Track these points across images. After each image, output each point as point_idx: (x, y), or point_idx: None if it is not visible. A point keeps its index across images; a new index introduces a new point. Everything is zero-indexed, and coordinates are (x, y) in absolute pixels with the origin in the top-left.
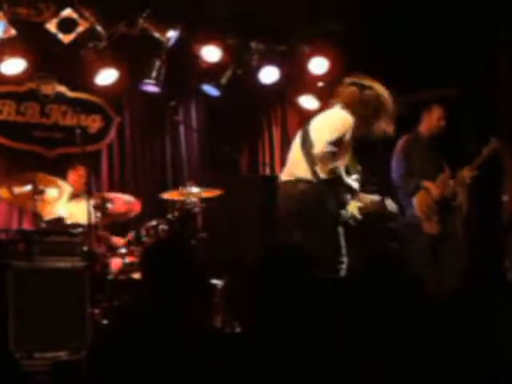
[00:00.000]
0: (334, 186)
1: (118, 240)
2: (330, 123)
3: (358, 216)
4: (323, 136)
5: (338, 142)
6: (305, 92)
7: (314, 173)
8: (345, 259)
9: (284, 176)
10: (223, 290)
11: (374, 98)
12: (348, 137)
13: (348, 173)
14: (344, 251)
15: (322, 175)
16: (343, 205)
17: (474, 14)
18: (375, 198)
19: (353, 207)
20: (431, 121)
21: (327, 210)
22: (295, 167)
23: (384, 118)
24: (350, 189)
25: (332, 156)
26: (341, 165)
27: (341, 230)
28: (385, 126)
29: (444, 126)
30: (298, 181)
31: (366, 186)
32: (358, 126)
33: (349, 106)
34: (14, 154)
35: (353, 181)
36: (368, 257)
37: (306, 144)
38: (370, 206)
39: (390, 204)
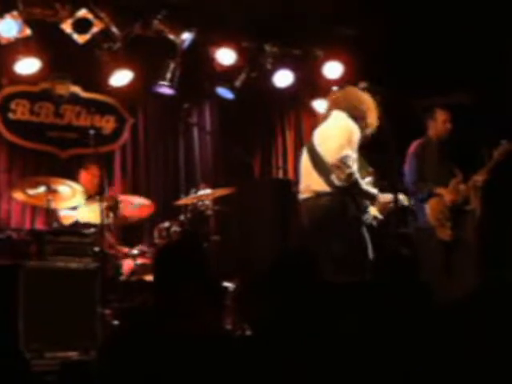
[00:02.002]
0: (352, 193)
1: (125, 250)
2: (334, 130)
3: (380, 216)
4: (332, 144)
5: (348, 146)
6: (319, 96)
7: (330, 182)
8: (371, 262)
9: (303, 194)
10: (234, 292)
11: (358, 100)
12: (355, 140)
13: (362, 177)
14: (370, 254)
15: (339, 183)
16: (364, 209)
17: (486, 20)
18: (388, 196)
19: (373, 210)
20: (437, 125)
21: (350, 217)
22: (311, 182)
23: (369, 115)
24: (368, 195)
25: (347, 160)
26: (357, 171)
27: (365, 233)
28: (372, 122)
29: (451, 129)
30: (317, 195)
31: (377, 185)
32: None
33: (344, 109)
34: (28, 154)
35: (369, 185)
36: (380, 262)
37: (316, 158)
38: (386, 206)
39: (404, 199)
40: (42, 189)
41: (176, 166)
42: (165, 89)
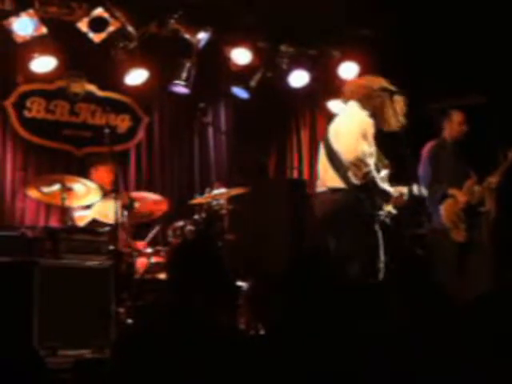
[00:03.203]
0: (368, 191)
1: (139, 245)
2: (348, 125)
3: (394, 211)
4: (347, 140)
5: (363, 140)
6: (334, 96)
7: (346, 179)
8: (383, 261)
9: (318, 188)
10: (248, 291)
11: (379, 92)
12: (370, 132)
13: (377, 170)
14: (382, 253)
15: (355, 181)
16: (379, 207)
17: (501, 20)
18: (403, 189)
19: (387, 206)
20: (453, 127)
21: (363, 213)
22: (326, 178)
23: (390, 111)
24: (383, 193)
25: (364, 158)
26: (374, 168)
27: (379, 231)
28: (393, 121)
29: (466, 131)
30: (332, 191)
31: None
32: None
33: (360, 100)
34: (43, 152)
35: (384, 181)
36: (395, 263)
37: (332, 154)
38: (401, 200)
39: (418, 189)
40: (56, 187)
41: (191, 166)
42: (180, 88)
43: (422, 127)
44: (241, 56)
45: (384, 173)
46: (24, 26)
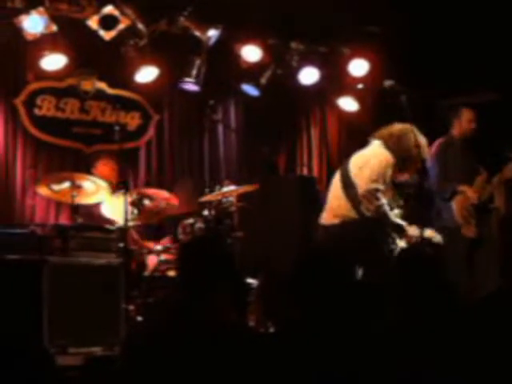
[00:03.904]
0: (380, 223)
1: (150, 245)
2: (370, 161)
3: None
4: (365, 174)
5: (380, 179)
6: (344, 94)
7: (359, 212)
8: None
9: (327, 220)
10: (258, 289)
11: (408, 149)
12: (389, 174)
13: (390, 208)
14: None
15: (367, 214)
16: (392, 240)
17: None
18: (415, 231)
19: (400, 242)
20: (461, 124)
21: (377, 244)
22: (338, 209)
23: (410, 167)
24: (396, 227)
25: (376, 193)
26: (386, 203)
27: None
28: (414, 170)
29: (475, 129)
30: (344, 222)
31: (402, 192)
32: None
33: (387, 146)
34: (53, 150)
35: (398, 218)
36: (404, 260)
37: (348, 184)
38: (413, 239)
39: (432, 234)
40: (66, 184)
41: (201, 163)
42: (190, 85)
43: (433, 125)
44: (251, 53)
45: (396, 211)
46: (34, 23)
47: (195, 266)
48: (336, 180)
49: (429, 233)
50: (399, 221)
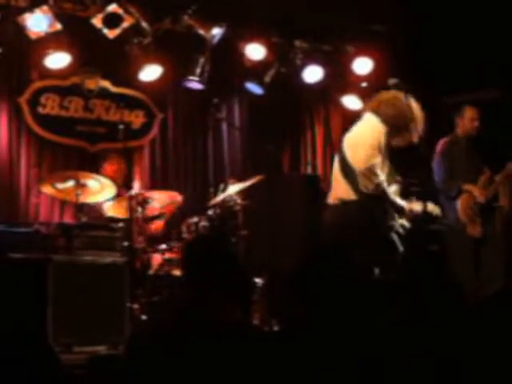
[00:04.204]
0: (379, 201)
1: (156, 223)
2: (363, 137)
3: (407, 224)
4: (360, 152)
5: (376, 151)
6: (348, 92)
7: (358, 191)
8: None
9: (331, 199)
10: (263, 288)
11: (394, 115)
12: (383, 143)
13: (388, 184)
14: (399, 255)
15: (366, 191)
16: (392, 217)
17: None
18: (417, 206)
19: (400, 220)
20: (464, 123)
21: (376, 223)
22: (338, 190)
23: (404, 135)
24: (395, 205)
25: (374, 169)
26: (385, 180)
27: (395, 237)
28: (409, 137)
29: (478, 127)
30: (344, 203)
31: (407, 190)
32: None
33: (378, 114)
34: (57, 148)
35: (396, 195)
36: (409, 259)
37: (345, 165)
38: (415, 215)
39: (433, 208)
40: (70, 183)
41: (205, 161)
42: (194, 84)
43: (437, 124)
44: (255, 51)
45: (394, 187)
46: (38, 22)
47: (199, 265)
48: (335, 162)
49: (431, 207)
50: (398, 199)
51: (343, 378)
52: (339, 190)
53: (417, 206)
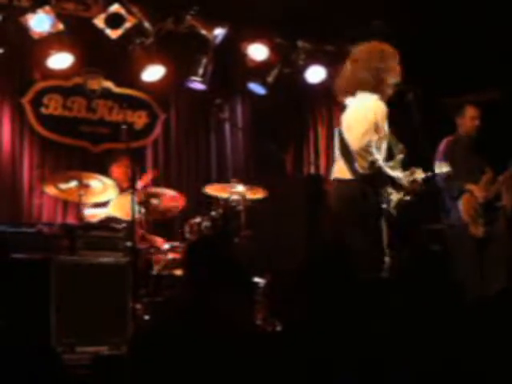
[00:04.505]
0: (374, 181)
1: (159, 240)
2: (359, 114)
3: (406, 197)
4: (356, 130)
5: (371, 131)
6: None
7: (353, 170)
8: (387, 258)
9: (331, 176)
10: (265, 288)
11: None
12: (381, 121)
13: (392, 156)
14: (386, 249)
15: (362, 171)
16: (385, 198)
17: None
18: (419, 174)
19: (394, 197)
20: (465, 122)
21: (367, 205)
22: (335, 168)
23: (390, 67)
24: (391, 180)
25: (369, 148)
26: (380, 158)
27: (384, 226)
28: (394, 77)
29: (480, 126)
30: (338, 181)
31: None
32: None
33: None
34: (60, 149)
35: (396, 169)
36: (411, 259)
37: (343, 143)
38: (414, 187)
39: (420, 172)
40: (73, 183)
41: (208, 162)
42: (197, 84)
43: (439, 123)
44: (257, 52)
45: (399, 157)
46: (41, 22)
47: (202, 265)
48: (335, 141)
49: (419, 171)
50: (396, 174)
51: (344, 377)
52: (336, 168)
53: (418, 175)
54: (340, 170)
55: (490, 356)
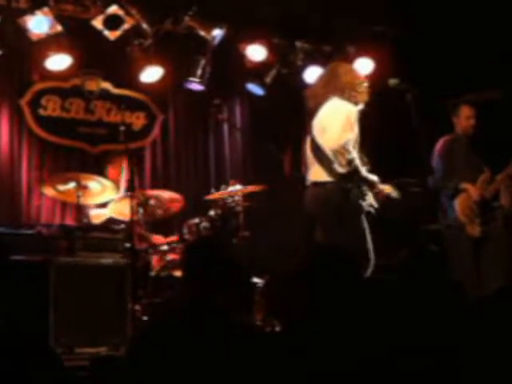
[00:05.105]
0: (352, 180)
1: (158, 239)
2: (333, 115)
3: (376, 204)
4: (332, 129)
5: (347, 129)
6: None
7: (331, 171)
8: (372, 257)
9: (307, 181)
10: (264, 288)
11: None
12: (353, 120)
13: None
14: (369, 243)
15: (341, 170)
16: (363, 196)
17: None
18: (386, 187)
19: (370, 198)
20: (461, 121)
21: (347, 205)
22: (311, 172)
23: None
24: (368, 181)
25: (347, 146)
26: (356, 156)
27: (366, 224)
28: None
29: (475, 125)
30: (314, 184)
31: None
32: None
33: (335, 91)
34: (59, 150)
35: (369, 172)
36: (409, 259)
37: (316, 147)
38: (382, 194)
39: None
40: (72, 184)
41: (206, 163)
42: (195, 85)
43: (438, 124)
44: (256, 52)
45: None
46: (39, 24)
47: (200, 266)
48: (308, 144)
49: (386, 188)
50: (370, 175)
51: (344, 377)
52: (311, 172)
53: (387, 188)
54: (316, 174)
55: (488, 355)
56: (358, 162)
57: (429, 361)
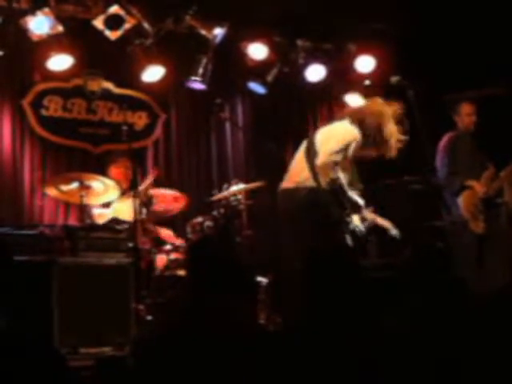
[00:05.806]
0: (336, 196)
1: (165, 231)
2: (337, 134)
3: (362, 228)
4: (328, 146)
5: (341, 152)
6: (351, 90)
7: (317, 181)
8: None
9: (284, 184)
10: (267, 287)
11: (375, 128)
12: (352, 149)
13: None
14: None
15: (325, 185)
16: (348, 213)
17: None
18: (384, 222)
19: (356, 220)
20: (462, 118)
21: (330, 213)
22: (298, 175)
23: (380, 146)
24: (352, 202)
25: (334, 166)
26: (343, 177)
27: (346, 235)
28: (385, 151)
29: (476, 121)
30: (300, 188)
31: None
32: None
33: (355, 124)
34: (61, 150)
35: (356, 195)
36: (413, 256)
37: (311, 153)
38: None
39: (392, 229)
40: (74, 185)
41: (208, 162)
42: (197, 84)
43: (440, 121)
44: (257, 51)
45: (357, 194)
46: (40, 24)
47: (204, 265)
48: (302, 149)
49: (394, 232)
50: (356, 197)
51: (345, 377)
52: (299, 175)
53: (386, 224)
54: (306, 178)
55: (492, 352)
56: (343, 182)
57: (432, 359)
